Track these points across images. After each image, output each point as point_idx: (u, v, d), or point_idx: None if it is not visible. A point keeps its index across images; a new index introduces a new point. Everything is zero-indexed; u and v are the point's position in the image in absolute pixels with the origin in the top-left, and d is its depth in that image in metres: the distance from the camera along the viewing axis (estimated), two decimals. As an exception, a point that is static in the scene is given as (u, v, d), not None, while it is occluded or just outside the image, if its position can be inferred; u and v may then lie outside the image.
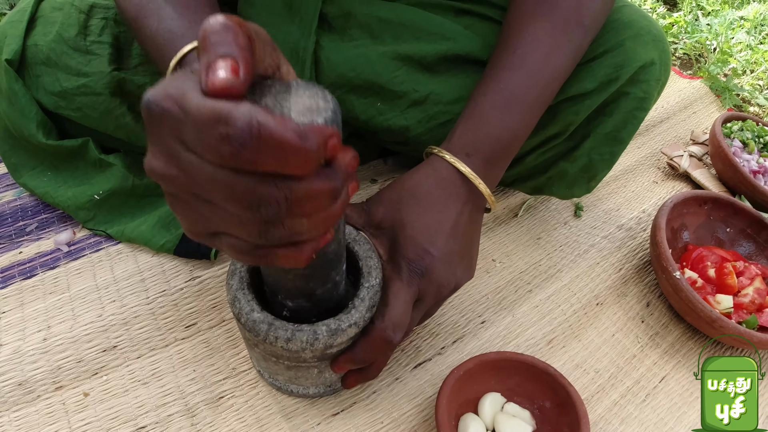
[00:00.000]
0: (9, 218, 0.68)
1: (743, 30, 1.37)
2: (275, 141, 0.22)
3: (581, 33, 0.52)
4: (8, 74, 0.60)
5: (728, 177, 0.83)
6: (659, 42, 0.60)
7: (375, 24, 0.60)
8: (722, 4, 1.53)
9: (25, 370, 0.52)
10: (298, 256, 0.28)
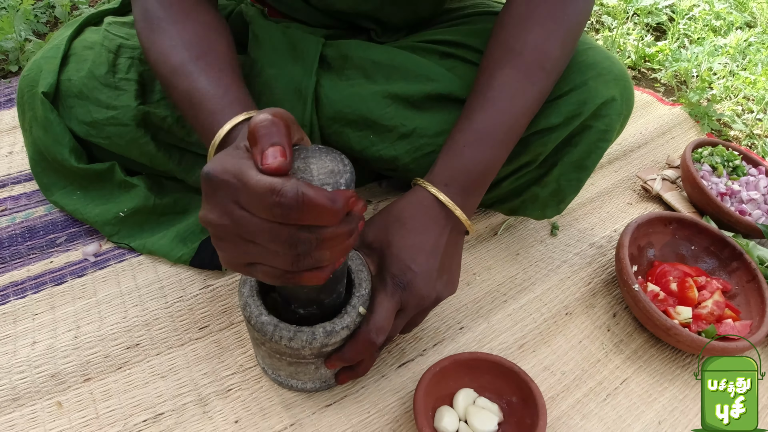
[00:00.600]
0: (41, 231, 0.76)
1: (726, 56, 1.45)
2: (314, 206, 0.33)
3: (543, 77, 0.59)
4: (44, 105, 0.69)
5: (697, 199, 0.90)
6: (620, 80, 0.68)
7: (369, 66, 0.68)
8: (708, 31, 1.61)
9: (58, 364, 0.59)
10: (320, 277, 0.39)
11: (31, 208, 0.79)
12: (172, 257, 0.70)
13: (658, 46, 1.48)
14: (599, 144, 0.68)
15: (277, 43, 0.67)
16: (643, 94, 1.30)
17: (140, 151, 0.69)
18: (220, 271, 0.71)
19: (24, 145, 0.85)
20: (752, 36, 1.63)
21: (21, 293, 0.67)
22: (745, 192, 0.91)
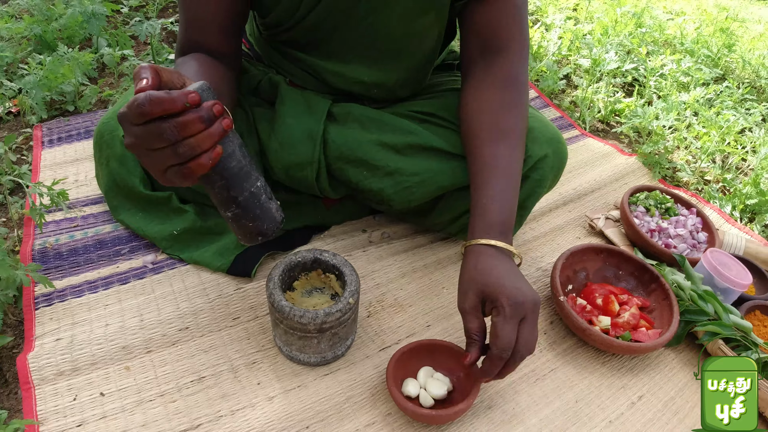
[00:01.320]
0: (108, 243, 0.98)
1: (689, 110, 1.67)
2: (158, 100, 0.47)
3: (522, 144, 0.81)
4: (122, 145, 0.92)
5: (630, 234, 1.11)
6: (553, 142, 0.91)
7: (365, 120, 0.92)
8: (673, 89, 1.83)
9: (127, 339, 0.81)
10: (202, 164, 0.51)
11: (99, 225, 1.02)
12: (213, 267, 0.93)
13: (625, 103, 1.71)
14: (536, 190, 0.91)
15: (296, 101, 0.91)
16: (605, 146, 1.53)
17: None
18: (249, 277, 0.93)
19: (94, 176, 1.09)
20: (713, 91, 1.86)
21: (93, 289, 0.89)
22: (673, 229, 1.12)
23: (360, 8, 0.82)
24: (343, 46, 0.89)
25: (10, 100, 1.41)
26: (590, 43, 1.92)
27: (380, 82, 0.93)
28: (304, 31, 0.87)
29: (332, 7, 0.82)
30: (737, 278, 0.95)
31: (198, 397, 0.74)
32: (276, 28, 0.89)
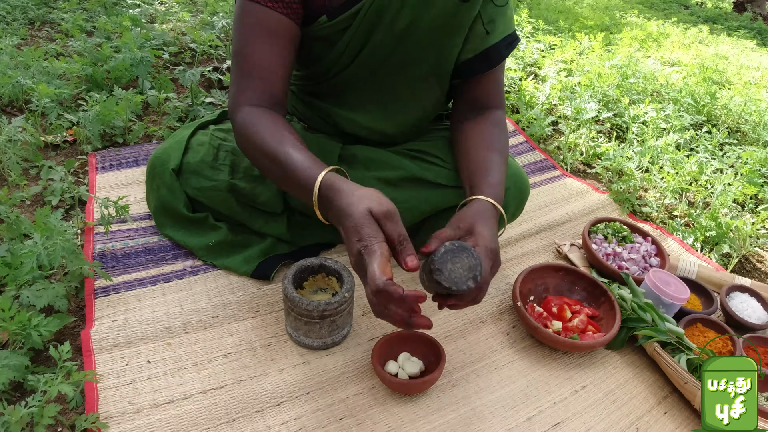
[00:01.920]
0: (155, 250, 1.21)
1: (666, 153, 1.87)
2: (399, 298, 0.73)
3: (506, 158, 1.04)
4: (172, 176, 1.16)
5: (589, 258, 1.31)
6: (515, 177, 1.13)
7: (367, 161, 1.14)
8: (649, 135, 2.04)
9: (170, 322, 1.02)
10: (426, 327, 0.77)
11: (147, 236, 1.25)
12: (240, 271, 1.15)
13: (604, 147, 1.93)
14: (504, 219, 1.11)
15: (313, 145, 1.14)
16: (582, 185, 1.73)
17: (226, 206, 1.16)
18: (268, 280, 1.14)
19: (141, 197, 1.33)
20: (688, 136, 2.06)
21: (142, 285, 1.11)
22: (626, 254, 1.31)
23: (380, 72, 1.07)
24: (358, 99, 1.14)
25: (66, 131, 1.68)
26: (576, 93, 2.15)
27: (384, 130, 1.17)
28: (330, 84, 1.12)
29: (359, 70, 1.07)
30: (675, 293, 1.14)
31: (224, 367, 0.95)
32: (308, 81, 1.15)
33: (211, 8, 3.06)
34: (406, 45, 1.05)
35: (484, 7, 1.04)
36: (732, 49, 4.66)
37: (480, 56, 1.07)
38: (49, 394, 0.77)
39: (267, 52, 0.96)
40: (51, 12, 3.25)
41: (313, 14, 1.00)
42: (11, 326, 0.87)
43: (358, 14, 1.00)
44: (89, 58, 2.11)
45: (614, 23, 4.53)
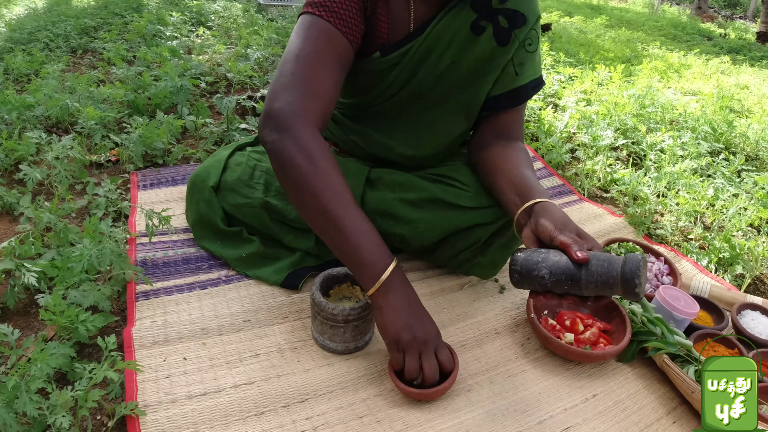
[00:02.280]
0: (193, 260, 1.30)
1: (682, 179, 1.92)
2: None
3: None
4: (210, 192, 1.26)
5: (602, 276, 1.36)
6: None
7: (392, 183, 1.23)
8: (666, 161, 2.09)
9: (205, 324, 1.10)
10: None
11: (185, 248, 1.34)
12: (270, 281, 1.23)
13: (621, 172, 1.98)
14: (515, 237, 1.18)
15: (343, 168, 1.23)
16: (599, 209, 1.79)
17: (260, 222, 1.25)
18: (296, 290, 1.22)
19: (180, 213, 1.43)
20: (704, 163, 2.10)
21: (180, 291, 1.20)
22: (638, 273, 1.36)
23: (419, 104, 1.19)
24: (396, 126, 1.25)
25: (110, 151, 1.80)
26: (593, 122, 2.22)
27: (413, 155, 1.27)
28: (372, 112, 1.23)
29: (401, 102, 1.18)
30: (685, 308, 1.18)
31: (254, 366, 1.02)
32: (351, 108, 1.26)
33: (245, 41, 3.23)
34: (445, 82, 1.16)
35: (516, 52, 1.14)
36: (754, 78, 4.68)
37: (508, 94, 1.17)
38: (95, 379, 0.85)
39: (328, 71, 0.99)
40: (92, 41, 3.47)
41: (369, 50, 1.11)
42: (60, 320, 0.96)
43: (408, 53, 1.12)
44: (131, 85, 2.26)
45: (635, 55, 4.60)
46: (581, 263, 0.90)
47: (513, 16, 1.11)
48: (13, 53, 2.92)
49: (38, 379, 0.80)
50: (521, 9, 1.11)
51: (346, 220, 0.92)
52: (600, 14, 8.47)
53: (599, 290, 0.90)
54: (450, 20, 1.10)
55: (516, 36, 1.12)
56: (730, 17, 15.48)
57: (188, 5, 4.82)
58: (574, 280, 0.92)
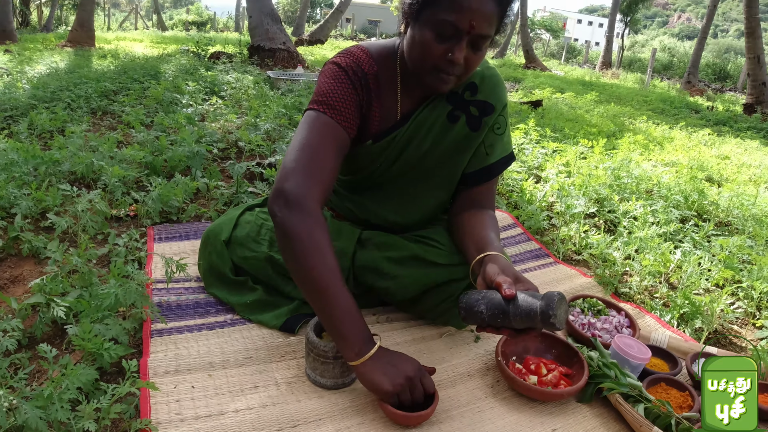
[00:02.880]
0: (202, 305, 1.47)
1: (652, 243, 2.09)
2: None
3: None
4: (222, 246, 1.45)
5: (567, 327, 1.52)
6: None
7: (380, 244, 1.41)
8: (636, 227, 2.27)
9: (212, 359, 1.25)
10: None
11: (196, 294, 1.51)
12: (270, 325, 1.39)
13: (594, 238, 2.17)
14: None
15: (337, 228, 1.42)
16: (571, 270, 1.96)
17: (264, 273, 1.43)
18: (293, 333, 1.38)
19: (192, 264, 1.61)
20: (673, 229, 2.28)
21: (190, 330, 1.36)
22: (600, 324, 1.51)
23: (406, 179, 1.39)
24: (385, 197, 1.45)
25: (129, 207, 2.00)
26: (566, 192, 2.43)
27: (400, 222, 1.46)
28: (367, 186, 1.43)
29: (391, 178, 1.39)
30: (637, 354, 1.33)
31: (253, 396, 1.17)
32: (349, 182, 1.46)
33: (255, 112, 3.51)
34: (427, 162, 1.37)
35: (487, 135, 1.36)
36: (736, 148, 4.94)
37: (480, 171, 1.38)
38: (119, 394, 1.00)
39: (329, 159, 1.17)
40: (112, 104, 3.77)
41: (363, 138, 1.33)
42: (89, 345, 1.12)
43: (395, 138, 1.33)
44: (149, 148, 2.50)
45: (619, 129, 4.90)
46: (509, 299, 1.05)
47: (483, 106, 1.33)
48: (37, 110, 3.19)
49: (68, 391, 0.95)
50: (490, 100, 1.34)
51: (332, 296, 1.08)
52: (591, 90, 8.93)
53: (525, 322, 1.05)
54: (429, 111, 1.32)
55: (486, 122, 1.34)
56: (720, 90, 16.11)
57: (203, 75, 5.19)
58: (505, 314, 1.06)
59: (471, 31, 1.10)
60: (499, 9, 1.13)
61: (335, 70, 1.26)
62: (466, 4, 1.08)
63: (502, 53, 21.60)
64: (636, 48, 39.09)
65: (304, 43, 12.91)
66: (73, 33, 9.44)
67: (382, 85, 1.30)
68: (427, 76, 1.19)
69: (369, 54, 1.29)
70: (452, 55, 1.13)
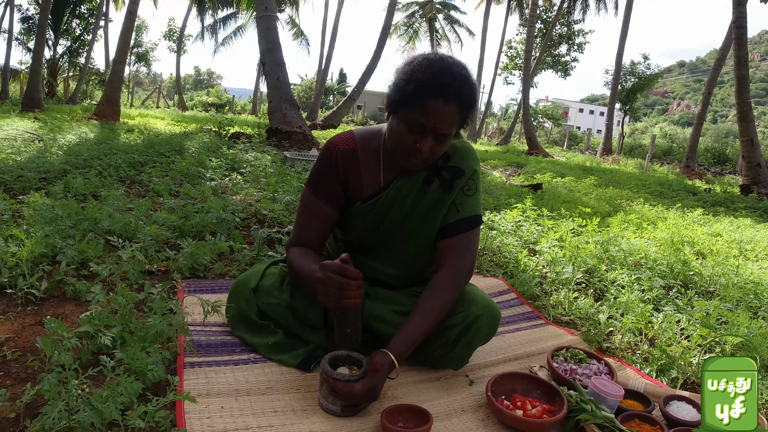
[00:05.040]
0: (229, 345, 1.67)
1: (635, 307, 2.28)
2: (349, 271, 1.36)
3: (454, 301, 1.52)
4: (250, 293, 1.68)
5: (551, 373, 1.70)
6: (486, 307, 1.59)
7: (385, 298, 1.65)
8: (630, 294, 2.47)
9: (238, 386, 1.44)
10: (352, 302, 1.39)
11: (223, 336, 1.72)
12: (288, 363, 1.59)
13: (582, 302, 2.37)
14: (477, 335, 1.57)
15: None
16: (560, 330, 2.16)
17: (285, 318, 1.65)
18: (308, 371, 1.58)
19: (219, 312, 1.83)
20: (656, 295, 2.48)
21: (218, 365, 1.56)
22: (581, 371, 1.70)
23: (394, 237, 1.65)
24: (380, 254, 1.70)
25: (161, 263, 2.24)
26: (556, 262, 2.66)
27: (398, 275, 1.69)
28: (363, 244, 1.69)
29: (381, 236, 1.65)
30: (611, 391, 1.51)
31: (273, 417, 1.35)
32: (348, 241, 1.72)
33: (273, 187, 3.83)
34: (409, 220, 1.63)
35: (458, 195, 1.62)
36: (729, 226, 5.12)
37: (451, 224, 1.62)
38: (163, 402, 1.20)
39: (314, 227, 1.65)
40: (139, 174, 4.10)
41: (353, 201, 1.63)
42: (136, 363, 1.33)
43: (379, 201, 1.61)
44: (178, 214, 2.78)
45: (614, 209, 5.17)
46: None
47: (454, 170, 1.62)
48: (72, 174, 3.51)
49: (122, 395, 1.16)
50: (461, 165, 1.62)
51: (302, 271, 1.54)
52: (591, 175, 9.29)
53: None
54: (407, 177, 1.61)
55: (457, 184, 1.61)
56: (720, 173, 16.49)
57: (224, 153, 5.59)
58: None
59: (435, 130, 1.45)
60: (461, 114, 1.47)
61: (323, 152, 1.64)
62: (432, 110, 1.42)
63: (506, 140, 22.49)
64: (636, 135, 40.39)
65: (317, 127, 13.65)
66: (100, 107, 10.10)
67: (362, 158, 1.62)
68: (399, 158, 1.54)
69: (353, 135, 1.65)
70: (419, 146, 1.47)
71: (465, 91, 1.45)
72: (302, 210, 1.66)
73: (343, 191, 1.63)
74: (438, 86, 1.42)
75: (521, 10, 27.08)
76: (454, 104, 1.44)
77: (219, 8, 26.51)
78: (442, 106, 1.42)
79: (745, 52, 9.58)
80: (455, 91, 1.43)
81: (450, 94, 1.42)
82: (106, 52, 26.36)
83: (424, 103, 1.42)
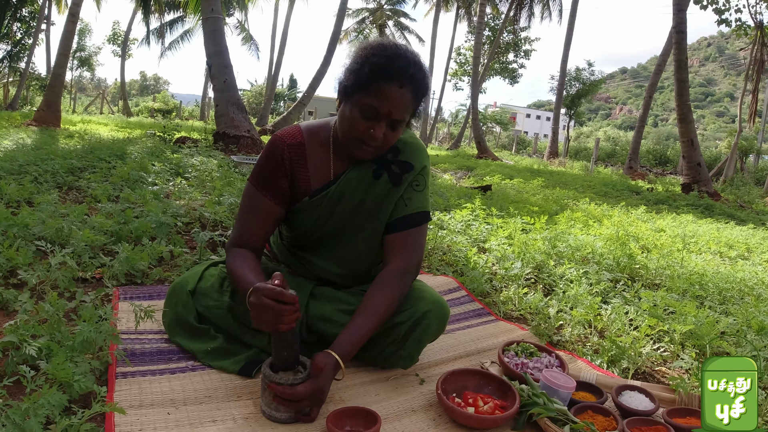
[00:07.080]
0: (165, 352, 1.57)
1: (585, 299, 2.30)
2: (282, 295, 1.23)
3: (401, 298, 1.47)
4: (188, 296, 1.58)
5: (502, 368, 1.67)
6: (434, 302, 1.55)
7: (330, 297, 1.59)
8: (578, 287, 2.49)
9: (174, 396, 1.35)
10: (287, 326, 1.25)
11: (159, 343, 1.62)
12: (229, 370, 1.51)
13: (531, 298, 2.37)
14: (426, 332, 1.53)
15: (293, 284, 1.57)
16: (510, 325, 2.15)
17: (225, 322, 1.57)
18: (250, 377, 1.49)
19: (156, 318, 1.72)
20: (602, 287, 2.51)
21: (153, 374, 1.45)
22: (532, 364, 1.68)
23: (343, 233, 1.60)
24: (328, 252, 1.63)
25: (95, 270, 2.11)
26: (506, 258, 2.66)
27: (344, 274, 1.64)
28: (310, 241, 1.63)
29: (329, 233, 1.60)
30: (563, 384, 1.49)
31: (212, 428, 1.27)
32: (295, 239, 1.66)
33: (219, 192, 3.70)
34: (358, 215, 1.58)
35: (406, 190, 1.59)
36: (672, 222, 5.32)
37: (399, 219, 1.59)
38: (87, 415, 1.10)
39: (257, 224, 1.56)
40: (78, 180, 3.89)
41: (300, 196, 1.56)
42: (61, 374, 1.22)
43: (327, 195, 1.56)
44: (116, 218, 2.63)
45: (561, 208, 5.28)
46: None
47: (403, 165, 1.58)
48: (5, 180, 3.29)
49: (44, 408, 1.05)
50: (410, 160, 1.59)
51: (239, 278, 1.43)
52: (539, 176, 9.52)
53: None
54: (356, 170, 1.56)
55: (405, 179, 1.58)
56: (662, 173, 17.25)
57: (168, 157, 5.39)
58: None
59: (389, 116, 1.41)
60: (415, 100, 1.45)
61: (267, 146, 1.57)
62: (387, 94, 1.39)
63: (456, 145, 22.83)
64: (581, 138, 41.79)
65: (267, 132, 13.42)
66: (40, 113, 9.62)
67: (309, 152, 1.56)
68: (351, 146, 1.48)
69: (299, 129, 1.58)
70: (373, 132, 1.42)
71: (419, 77, 1.43)
72: (245, 206, 1.58)
73: (289, 186, 1.57)
74: (393, 70, 1.38)
75: (469, 18, 27.60)
76: (409, 89, 1.41)
77: (165, 11, 25.82)
78: (397, 89, 1.39)
79: (684, 56, 9.99)
80: (410, 76, 1.40)
81: (405, 79, 1.40)
82: (48, 57, 25.18)
83: (379, 87, 1.39)
